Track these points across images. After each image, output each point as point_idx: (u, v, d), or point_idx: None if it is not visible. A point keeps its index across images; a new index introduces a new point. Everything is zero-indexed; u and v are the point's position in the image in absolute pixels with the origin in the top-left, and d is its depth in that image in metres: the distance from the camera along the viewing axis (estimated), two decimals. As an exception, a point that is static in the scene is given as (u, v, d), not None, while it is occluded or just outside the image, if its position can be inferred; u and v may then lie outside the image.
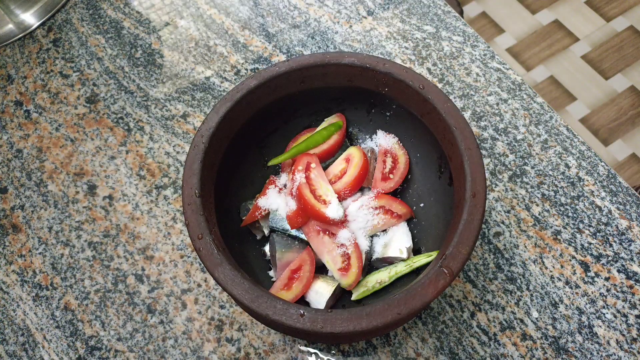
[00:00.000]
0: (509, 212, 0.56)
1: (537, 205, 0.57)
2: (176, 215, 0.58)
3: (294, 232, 0.49)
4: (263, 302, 0.39)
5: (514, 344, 0.50)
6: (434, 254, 0.47)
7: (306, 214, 0.48)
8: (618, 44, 1.54)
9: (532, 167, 0.59)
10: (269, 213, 0.50)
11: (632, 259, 0.53)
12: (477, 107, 0.63)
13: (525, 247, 0.55)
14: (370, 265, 0.50)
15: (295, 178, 0.49)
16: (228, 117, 0.48)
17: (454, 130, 0.45)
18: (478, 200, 0.42)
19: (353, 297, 0.48)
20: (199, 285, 0.55)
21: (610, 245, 0.54)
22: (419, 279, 0.41)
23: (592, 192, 0.57)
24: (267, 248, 0.51)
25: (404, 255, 0.48)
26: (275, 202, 0.50)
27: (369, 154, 0.53)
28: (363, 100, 0.53)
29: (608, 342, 0.50)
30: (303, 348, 0.52)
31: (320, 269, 0.49)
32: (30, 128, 0.65)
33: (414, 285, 0.39)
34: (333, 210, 0.47)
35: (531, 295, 0.52)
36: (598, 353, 0.50)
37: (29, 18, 0.73)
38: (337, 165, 0.52)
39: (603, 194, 0.57)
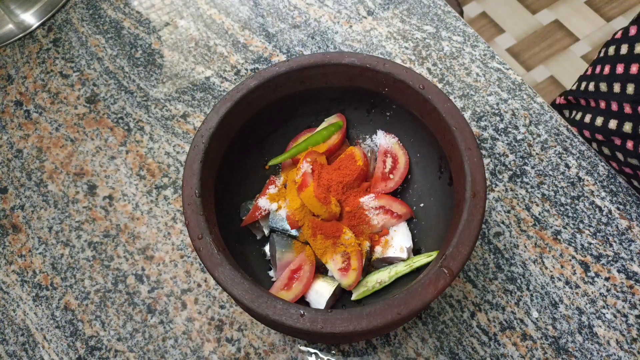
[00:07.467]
0: (509, 212, 0.56)
1: (537, 205, 0.57)
2: (176, 215, 0.58)
3: (294, 232, 0.49)
4: (263, 302, 0.39)
5: (514, 344, 0.50)
6: (434, 254, 0.47)
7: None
8: (618, 44, 1.54)
9: (532, 167, 0.59)
10: (269, 213, 0.50)
11: (632, 259, 0.53)
12: (477, 107, 0.63)
13: (525, 247, 0.55)
14: (370, 265, 0.50)
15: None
16: (228, 117, 0.48)
17: (454, 130, 0.45)
18: (478, 200, 0.42)
19: (353, 297, 0.48)
20: (199, 285, 0.55)
21: (610, 245, 0.54)
22: (419, 279, 0.41)
23: (592, 192, 0.57)
24: (267, 248, 0.51)
25: (404, 255, 0.48)
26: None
27: (369, 154, 0.53)
28: (363, 100, 0.53)
29: (608, 342, 0.50)
30: (303, 348, 0.52)
31: (320, 269, 0.49)
32: (30, 128, 0.65)
33: (414, 285, 0.39)
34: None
35: (531, 295, 0.52)
36: (598, 353, 0.50)
37: (29, 18, 0.73)
38: (337, 165, 0.52)
39: (603, 194, 0.57)
